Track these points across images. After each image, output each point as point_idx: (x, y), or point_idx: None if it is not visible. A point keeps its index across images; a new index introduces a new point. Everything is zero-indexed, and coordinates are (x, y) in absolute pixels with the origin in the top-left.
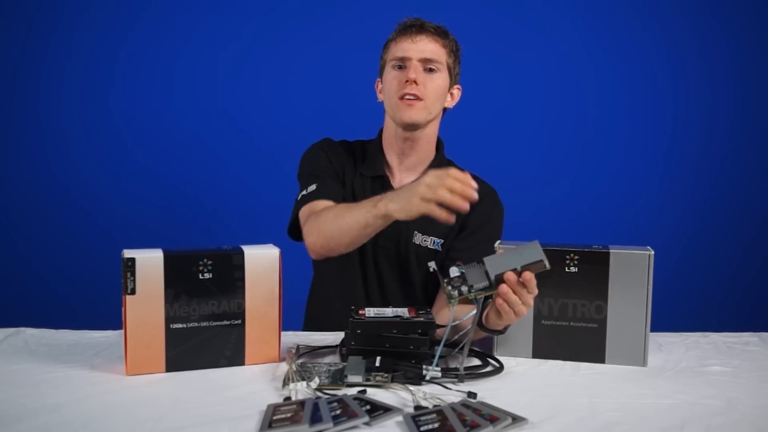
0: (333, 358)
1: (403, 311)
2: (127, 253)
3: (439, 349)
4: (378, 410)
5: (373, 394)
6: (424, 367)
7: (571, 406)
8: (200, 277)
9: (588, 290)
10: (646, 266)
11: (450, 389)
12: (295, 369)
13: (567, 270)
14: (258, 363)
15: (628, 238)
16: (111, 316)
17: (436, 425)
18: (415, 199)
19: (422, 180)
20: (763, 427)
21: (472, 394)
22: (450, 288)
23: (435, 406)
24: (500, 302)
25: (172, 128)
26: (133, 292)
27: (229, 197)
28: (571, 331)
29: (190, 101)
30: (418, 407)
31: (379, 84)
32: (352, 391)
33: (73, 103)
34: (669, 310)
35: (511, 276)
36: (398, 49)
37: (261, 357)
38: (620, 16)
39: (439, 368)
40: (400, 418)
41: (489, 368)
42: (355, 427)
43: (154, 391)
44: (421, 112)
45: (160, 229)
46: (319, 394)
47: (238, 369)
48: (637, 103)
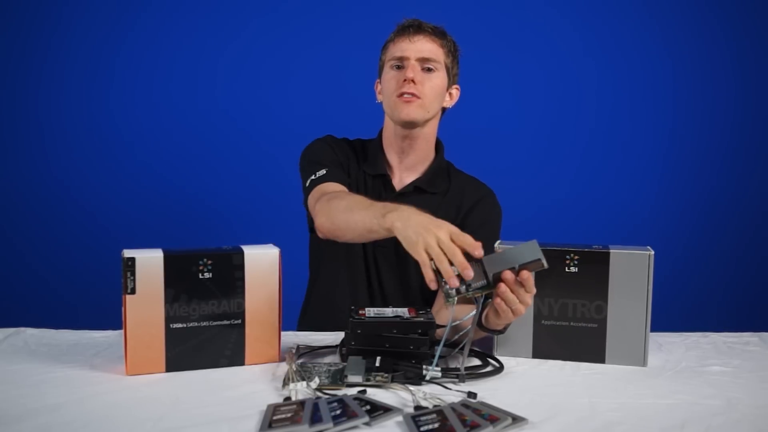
0: (333, 358)
1: (403, 311)
2: (127, 253)
3: (439, 349)
4: (378, 410)
5: (373, 394)
6: (424, 367)
7: (571, 406)
8: (200, 276)
9: (588, 290)
10: (646, 266)
11: (450, 389)
12: (295, 369)
13: (567, 270)
14: (258, 363)
15: (628, 238)
16: (111, 316)
17: (436, 425)
18: (419, 246)
19: (439, 229)
20: (763, 427)
21: (472, 394)
22: (448, 287)
23: (435, 406)
24: (498, 301)
25: (172, 128)
26: (133, 291)
27: (229, 197)
28: (571, 331)
29: (190, 101)
30: (418, 407)
31: (378, 85)
32: (352, 391)
33: (73, 103)
34: (669, 310)
35: (509, 275)
36: (396, 49)
37: (261, 357)
38: (620, 16)
39: (439, 368)
40: (400, 418)
41: (489, 368)
42: (355, 427)
43: (154, 391)
44: (419, 110)
45: (160, 229)
46: (319, 394)
47: (238, 369)
48: (637, 103)
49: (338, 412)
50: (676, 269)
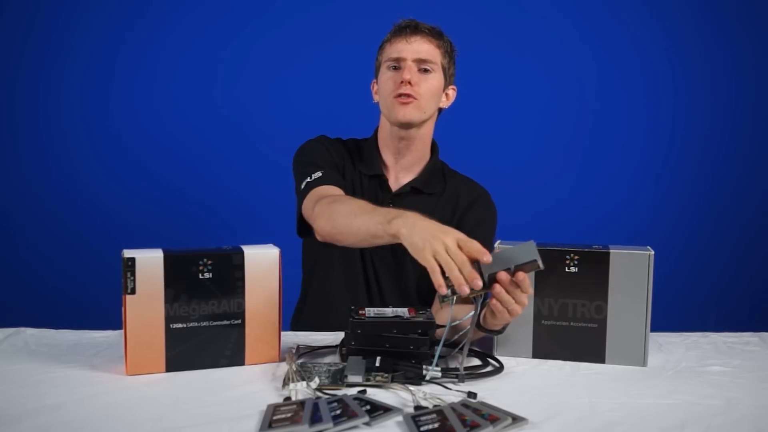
0: (333, 358)
1: (403, 311)
2: (127, 253)
3: (439, 349)
4: (378, 410)
5: (373, 394)
6: (424, 367)
7: (571, 406)
8: (200, 277)
9: (588, 290)
10: (646, 266)
11: (450, 389)
12: (295, 369)
13: (567, 270)
14: (258, 363)
15: (628, 238)
16: (111, 316)
17: (436, 425)
18: (426, 252)
19: (445, 235)
20: (763, 427)
21: (472, 394)
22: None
23: (435, 406)
24: (494, 302)
25: (172, 128)
26: (133, 291)
27: (229, 197)
28: (571, 331)
29: (190, 101)
30: (418, 407)
31: (375, 85)
32: (352, 391)
33: (73, 103)
34: (669, 310)
35: (504, 276)
36: (393, 50)
37: (261, 357)
38: (620, 16)
39: (439, 368)
40: (400, 418)
41: (489, 368)
42: (355, 427)
43: (154, 391)
44: (416, 111)
45: (160, 229)
46: (319, 394)
47: (238, 369)
48: (637, 103)
49: (338, 412)
50: (676, 269)
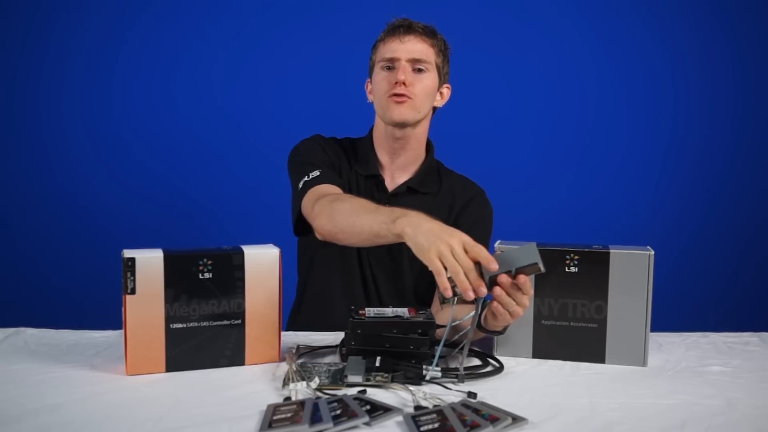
0: (333, 358)
1: (403, 311)
2: (127, 253)
3: (439, 349)
4: (378, 410)
5: (373, 394)
6: (424, 367)
7: (571, 406)
8: (200, 277)
9: (588, 290)
10: (646, 266)
11: (450, 389)
12: (295, 369)
13: (567, 270)
14: (258, 363)
15: (628, 238)
16: (111, 316)
17: (436, 425)
18: (431, 253)
19: (451, 237)
20: (763, 427)
21: (472, 394)
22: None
23: (435, 406)
24: (495, 304)
25: (173, 128)
26: (133, 291)
27: (229, 197)
28: (571, 331)
29: (190, 101)
30: (418, 407)
31: (369, 85)
32: (352, 391)
33: (73, 103)
34: (669, 310)
35: (505, 278)
36: (387, 50)
37: (261, 357)
38: (620, 16)
39: (439, 368)
40: (400, 418)
41: (489, 368)
42: (355, 427)
43: (154, 391)
44: (411, 111)
45: (160, 229)
46: (319, 394)
47: (238, 369)
48: (636, 103)
49: (338, 412)
50: (676, 269)
